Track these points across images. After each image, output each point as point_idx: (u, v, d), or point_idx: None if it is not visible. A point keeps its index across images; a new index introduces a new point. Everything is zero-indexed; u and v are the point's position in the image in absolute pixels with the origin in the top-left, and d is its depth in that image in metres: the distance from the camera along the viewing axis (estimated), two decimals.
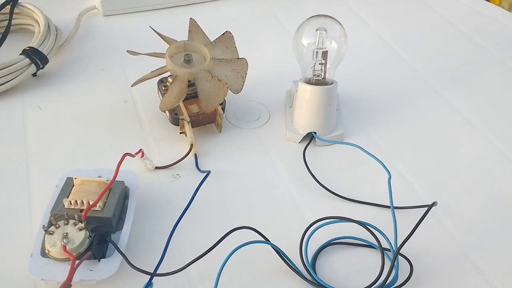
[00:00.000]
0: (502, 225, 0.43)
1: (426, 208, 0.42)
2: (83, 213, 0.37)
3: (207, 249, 0.37)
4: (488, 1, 0.81)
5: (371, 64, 0.61)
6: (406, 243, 0.38)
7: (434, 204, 0.41)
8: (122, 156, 0.40)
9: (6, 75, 0.52)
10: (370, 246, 0.41)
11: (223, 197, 0.45)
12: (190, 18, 0.53)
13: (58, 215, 0.38)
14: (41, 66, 0.55)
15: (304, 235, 0.40)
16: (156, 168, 0.47)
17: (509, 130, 0.53)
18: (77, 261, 0.35)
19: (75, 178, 0.40)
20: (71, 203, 0.38)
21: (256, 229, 0.39)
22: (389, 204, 0.43)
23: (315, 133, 0.50)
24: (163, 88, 0.51)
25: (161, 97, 0.51)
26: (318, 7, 0.71)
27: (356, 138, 0.51)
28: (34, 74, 0.55)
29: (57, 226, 0.37)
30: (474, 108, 0.55)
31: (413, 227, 0.39)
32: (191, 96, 0.50)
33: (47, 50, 0.55)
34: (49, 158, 0.48)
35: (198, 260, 0.36)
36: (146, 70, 0.49)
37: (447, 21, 0.69)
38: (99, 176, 0.42)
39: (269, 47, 0.63)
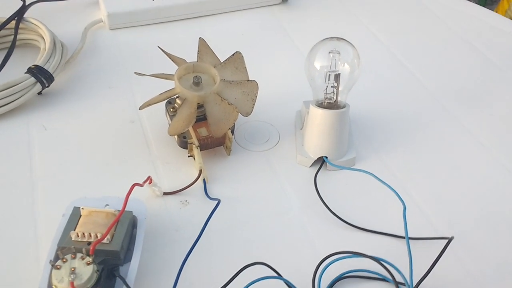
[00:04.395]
0: None
1: (441, 240, 0.41)
2: (91, 247, 0.36)
3: (217, 282, 0.36)
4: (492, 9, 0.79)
5: (383, 82, 0.60)
6: (422, 281, 0.37)
7: (451, 238, 0.40)
8: (131, 187, 0.39)
9: (11, 94, 0.51)
10: (384, 279, 0.40)
11: (232, 225, 0.44)
12: (200, 38, 0.52)
13: (65, 248, 0.37)
14: (46, 85, 0.54)
15: (317, 270, 0.39)
16: (164, 194, 0.46)
17: None
18: None
19: (82, 208, 0.39)
20: (78, 236, 0.37)
21: (268, 264, 0.38)
22: (403, 234, 0.42)
23: (326, 157, 0.49)
24: (171, 109, 0.50)
25: (169, 118, 0.50)
26: (328, 21, 0.69)
27: (368, 162, 0.50)
28: (39, 93, 0.54)
29: (64, 260, 0.36)
30: (489, 130, 0.54)
31: (428, 258, 0.38)
32: (200, 118, 0.49)
33: (52, 68, 0.54)
34: (55, 182, 0.47)
35: None
36: (154, 88, 0.48)
37: (460, 37, 0.68)
38: (107, 205, 0.41)
39: (279, 63, 0.62)
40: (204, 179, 0.47)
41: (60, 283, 0.35)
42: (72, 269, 0.35)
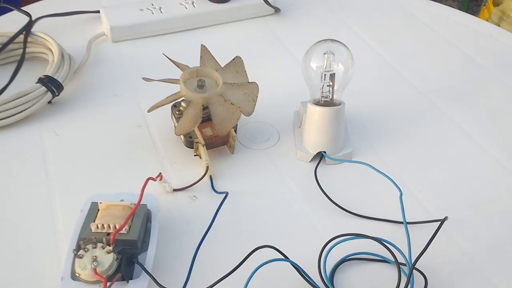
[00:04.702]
0: (508, 238, 0.45)
1: (437, 223, 0.43)
2: (111, 236, 0.39)
3: (228, 268, 0.38)
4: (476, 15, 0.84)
5: (375, 83, 0.64)
6: (420, 257, 0.40)
7: (445, 219, 0.43)
8: (146, 181, 0.42)
9: (24, 103, 0.54)
10: (385, 261, 0.43)
11: (240, 217, 0.47)
12: (202, 45, 0.55)
13: (87, 239, 0.39)
14: (56, 94, 0.56)
15: (322, 252, 0.42)
16: (174, 190, 0.48)
17: (509, 145, 0.55)
18: (108, 283, 0.36)
19: (100, 203, 0.42)
20: (98, 227, 0.40)
21: (276, 247, 0.40)
22: (400, 220, 0.45)
23: (325, 152, 0.52)
24: (177, 112, 0.53)
25: (174, 121, 0.53)
26: (319, 29, 0.73)
27: (364, 156, 0.53)
28: (49, 102, 0.57)
29: (86, 249, 0.38)
30: (475, 124, 0.57)
31: (425, 241, 0.41)
32: (204, 119, 0.52)
33: (62, 78, 0.57)
34: (69, 184, 0.49)
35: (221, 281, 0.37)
36: (156, 95, 0.51)
37: (445, 40, 0.72)
38: (122, 200, 0.43)
39: (274, 69, 0.66)
40: (210, 176, 0.49)
41: (84, 270, 0.37)
42: (94, 257, 0.38)
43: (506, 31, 0.74)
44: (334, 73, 0.51)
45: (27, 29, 0.62)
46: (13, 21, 0.67)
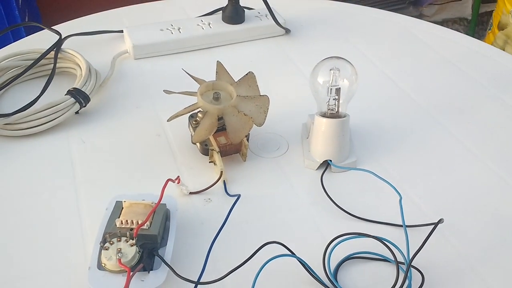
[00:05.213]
0: (500, 240, 0.48)
1: (433, 226, 0.47)
2: (134, 231, 0.43)
3: (239, 261, 0.42)
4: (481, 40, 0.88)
5: (379, 99, 0.68)
6: (418, 257, 0.43)
7: (440, 221, 0.46)
8: (166, 182, 0.46)
9: (54, 113, 0.59)
10: (385, 260, 0.46)
11: (250, 218, 0.51)
12: (217, 61, 0.60)
13: (112, 233, 0.43)
14: (84, 105, 0.61)
15: (326, 250, 0.45)
16: (190, 193, 0.52)
17: (504, 156, 0.58)
18: (131, 272, 0.40)
19: (124, 201, 0.46)
20: (122, 223, 0.44)
21: (284, 244, 0.44)
22: (400, 223, 0.48)
23: (331, 160, 0.56)
24: (194, 122, 0.57)
25: (191, 130, 0.58)
26: (326, 48, 0.78)
27: (367, 165, 0.57)
28: (77, 112, 0.62)
29: (111, 242, 0.42)
30: (473, 137, 0.61)
31: (422, 242, 0.44)
32: (219, 129, 0.56)
33: (89, 90, 0.62)
34: (95, 186, 0.53)
35: (232, 273, 0.41)
36: (174, 107, 0.56)
37: (447, 60, 0.76)
38: (143, 200, 0.47)
39: (284, 84, 0.70)
40: (224, 181, 0.53)
41: (109, 261, 0.41)
42: (119, 249, 0.42)
43: (505, 53, 0.78)
44: (340, 88, 0.55)
45: (57, 46, 0.67)
46: (43, 39, 0.72)
